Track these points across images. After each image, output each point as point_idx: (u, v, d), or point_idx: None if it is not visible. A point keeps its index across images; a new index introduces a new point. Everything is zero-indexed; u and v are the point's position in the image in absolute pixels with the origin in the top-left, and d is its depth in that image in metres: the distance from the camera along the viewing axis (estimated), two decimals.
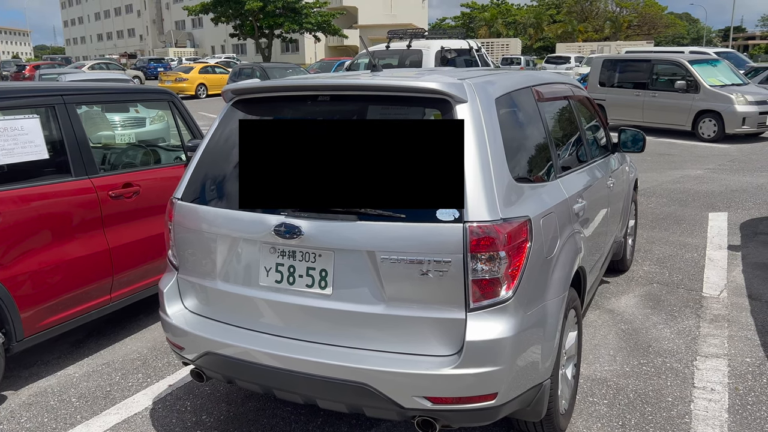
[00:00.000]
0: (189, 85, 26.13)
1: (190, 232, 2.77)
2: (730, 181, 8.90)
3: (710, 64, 13.59)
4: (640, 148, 4.56)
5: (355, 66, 14.01)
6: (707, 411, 3.20)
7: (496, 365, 2.30)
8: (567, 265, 2.78)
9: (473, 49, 12.52)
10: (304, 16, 41.63)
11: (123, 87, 4.93)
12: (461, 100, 2.46)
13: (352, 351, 2.43)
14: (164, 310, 2.86)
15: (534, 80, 3.29)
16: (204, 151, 2.87)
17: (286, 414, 3.24)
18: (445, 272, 2.29)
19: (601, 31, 61.89)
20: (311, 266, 2.48)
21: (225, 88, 2.95)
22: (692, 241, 6.15)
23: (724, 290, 4.84)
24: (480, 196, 2.32)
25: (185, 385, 3.56)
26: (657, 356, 3.81)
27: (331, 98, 2.68)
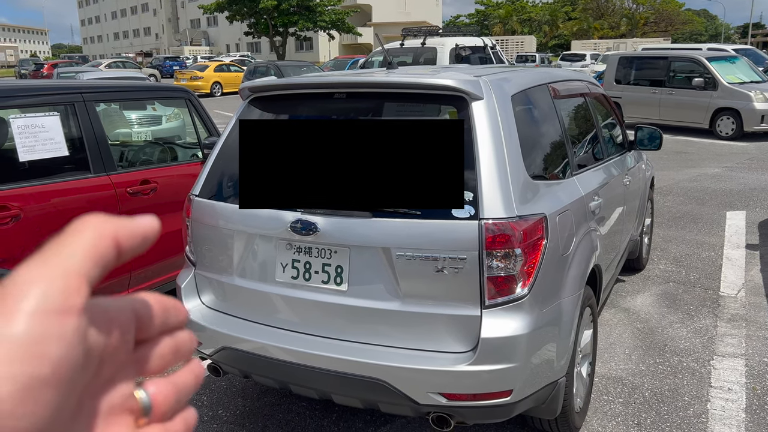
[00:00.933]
0: (204, 84, 26.28)
1: (207, 229, 2.80)
2: (749, 180, 8.80)
3: (728, 61, 13.42)
4: (657, 146, 4.52)
5: (369, 64, 14.02)
6: (724, 410, 3.18)
7: (511, 362, 2.31)
8: (582, 263, 2.78)
9: (488, 46, 12.48)
10: (318, 14, 41.71)
11: (141, 85, 4.98)
12: (477, 96, 2.46)
13: (368, 347, 2.45)
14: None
15: (550, 77, 3.28)
16: (221, 149, 2.90)
17: (302, 409, 3.27)
18: (461, 269, 2.29)
19: (617, 28, 61.37)
20: (327, 262, 2.49)
21: (242, 85, 2.97)
22: (709, 239, 6.09)
23: (742, 289, 4.79)
24: (495, 193, 2.32)
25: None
26: (673, 355, 3.78)
27: (347, 95, 2.69)
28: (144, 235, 0.36)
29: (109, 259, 0.33)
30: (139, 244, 0.35)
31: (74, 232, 0.33)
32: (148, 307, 0.38)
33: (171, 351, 0.39)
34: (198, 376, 0.41)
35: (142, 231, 0.36)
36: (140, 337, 0.37)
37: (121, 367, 0.36)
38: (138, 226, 0.36)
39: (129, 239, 0.35)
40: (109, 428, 0.34)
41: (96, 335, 0.32)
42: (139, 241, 0.35)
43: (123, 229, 0.35)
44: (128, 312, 0.36)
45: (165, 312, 0.39)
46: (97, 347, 0.32)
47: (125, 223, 0.35)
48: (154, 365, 0.38)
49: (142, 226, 0.36)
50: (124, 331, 0.35)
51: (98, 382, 0.34)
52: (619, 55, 14.97)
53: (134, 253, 0.35)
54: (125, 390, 0.36)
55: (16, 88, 3.71)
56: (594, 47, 41.91)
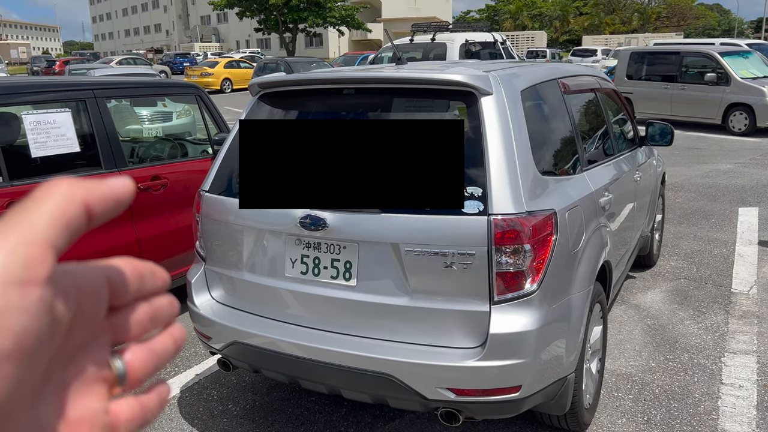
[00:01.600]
0: (214, 80, 26.36)
1: (217, 224, 2.82)
2: (761, 176, 8.71)
3: (741, 56, 13.28)
4: (668, 142, 4.49)
5: (379, 60, 14.00)
6: (735, 408, 3.16)
7: (520, 358, 2.30)
8: (592, 259, 2.77)
9: (498, 41, 12.41)
10: (328, 10, 41.68)
11: (152, 81, 5.01)
12: (486, 92, 2.45)
13: (377, 342, 2.45)
14: (192, 300, 2.91)
15: (560, 72, 3.27)
16: (230, 145, 2.91)
17: (311, 404, 3.28)
18: (470, 265, 2.29)
19: (628, 23, 60.88)
20: (336, 258, 2.50)
21: (252, 81, 2.98)
22: (721, 236, 6.04)
23: (754, 286, 4.75)
24: (505, 189, 2.32)
25: (212, 375, 3.63)
26: (684, 352, 3.76)
27: (356, 91, 2.69)
28: (117, 198, 0.34)
29: (78, 224, 0.32)
30: (112, 207, 0.33)
31: (40, 198, 0.31)
32: (122, 273, 0.36)
33: (148, 317, 0.37)
34: (178, 341, 0.39)
35: (115, 194, 0.34)
36: (114, 304, 0.36)
37: (93, 336, 0.34)
38: (110, 188, 0.34)
39: (101, 203, 0.33)
40: (80, 398, 0.33)
41: (63, 305, 0.31)
42: (112, 204, 0.33)
43: (94, 193, 0.33)
44: (100, 279, 0.34)
45: (140, 278, 0.37)
46: (64, 317, 0.31)
47: (96, 186, 0.33)
48: (129, 332, 0.37)
49: (114, 189, 0.34)
50: (96, 299, 0.34)
51: (67, 351, 0.33)
52: (631, 50, 14.85)
53: (107, 218, 0.33)
54: (98, 358, 0.35)
55: (27, 84, 3.74)
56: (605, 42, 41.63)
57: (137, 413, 0.36)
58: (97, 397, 0.34)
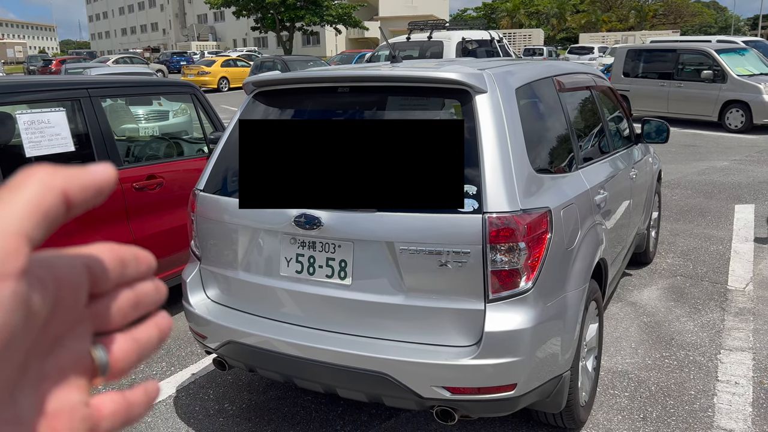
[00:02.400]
0: (211, 79, 26.31)
1: (212, 223, 2.81)
2: (758, 173, 8.73)
3: (738, 53, 13.29)
4: (664, 139, 4.49)
5: (376, 58, 14.00)
6: (731, 404, 3.16)
7: (515, 356, 2.30)
8: (588, 256, 2.77)
9: (494, 39, 12.42)
10: (325, 8, 41.61)
11: (146, 80, 5.00)
12: (481, 90, 2.45)
13: (372, 341, 2.45)
14: (187, 299, 2.90)
15: (555, 70, 3.26)
16: (225, 143, 2.91)
17: (307, 403, 3.28)
18: (464, 263, 2.29)
19: (625, 20, 60.89)
20: (331, 257, 2.50)
21: (246, 80, 2.97)
22: (717, 233, 6.05)
23: (750, 283, 4.76)
24: (499, 187, 2.31)
25: (208, 374, 3.62)
26: (680, 349, 3.77)
27: (351, 89, 2.69)
28: (98, 187, 0.32)
29: (56, 214, 0.30)
30: (93, 196, 0.32)
31: (16, 186, 0.30)
32: (102, 260, 0.35)
33: (130, 304, 0.36)
34: (163, 329, 0.38)
35: (96, 182, 0.32)
36: (95, 292, 0.35)
37: (73, 326, 0.33)
38: (91, 176, 0.32)
39: (80, 192, 0.31)
40: (59, 390, 0.32)
41: (40, 297, 0.30)
42: (93, 193, 0.32)
43: (73, 181, 0.31)
44: (78, 267, 0.33)
45: (121, 264, 0.36)
46: (41, 310, 0.30)
47: (76, 174, 0.31)
48: (111, 320, 0.35)
49: (95, 176, 0.32)
50: (74, 288, 0.33)
51: (46, 343, 0.32)
52: (628, 47, 14.85)
53: (87, 207, 0.32)
54: (78, 349, 0.34)
55: (22, 83, 3.73)
56: (602, 40, 41.63)
57: (121, 408, 0.35)
58: (76, 388, 0.33)
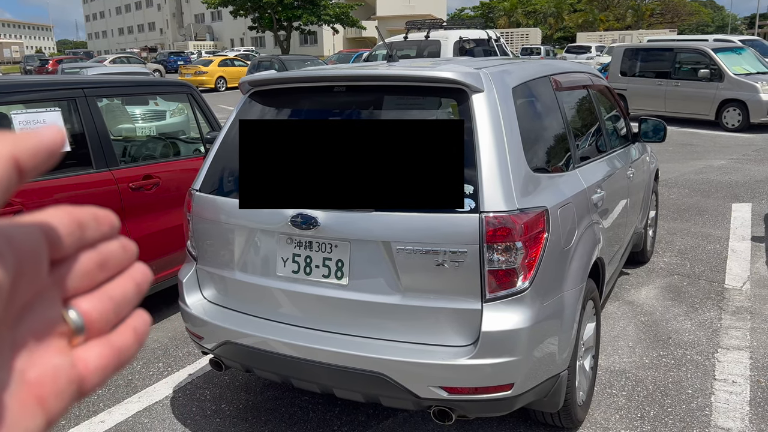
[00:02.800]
0: (208, 78, 26.29)
1: (208, 223, 2.80)
2: (755, 172, 8.74)
3: (735, 52, 13.31)
4: (661, 138, 4.49)
5: (373, 57, 13.99)
6: (728, 403, 3.17)
7: (512, 356, 2.30)
8: (585, 255, 2.76)
9: (492, 39, 12.41)
10: (322, 8, 41.56)
11: (143, 80, 4.98)
12: (477, 89, 2.44)
13: (369, 341, 2.44)
14: (183, 300, 2.89)
15: (552, 69, 3.26)
16: (222, 143, 2.90)
17: (304, 403, 3.27)
18: (461, 263, 2.29)
19: (622, 19, 60.93)
20: (327, 257, 2.49)
21: (242, 79, 2.96)
22: (715, 232, 6.05)
23: (747, 282, 4.76)
24: (496, 187, 2.31)
25: (205, 374, 3.61)
26: (677, 348, 3.77)
27: (347, 89, 2.68)
28: (49, 150, 0.31)
29: (8, 183, 0.29)
30: (44, 160, 0.31)
31: None
32: (58, 225, 0.34)
33: (95, 265, 0.35)
34: (139, 281, 0.37)
35: (46, 146, 0.31)
36: (56, 257, 0.34)
37: (40, 294, 0.33)
38: (40, 140, 0.31)
39: (31, 158, 0.31)
40: (37, 358, 0.32)
41: (0, 270, 0.29)
42: (44, 157, 0.31)
43: (22, 146, 0.30)
44: (35, 234, 0.32)
45: (80, 226, 0.35)
46: (2, 282, 0.29)
47: (24, 139, 0.31)
48: (78, 283, 0.35)
49: (45, 141, 0.31)
50: (34, 256, 0.32)
51: (13, 314, 0.31)
52: (625, 46, 14.86)
53: (39, 172, 0.31)
54: (49, 315, 0.33)
55: (17, 83, 3.71)
56: (599, 39, 41.64)
57: (108, 357, 0.34)
58: (56, 351, 0.32)
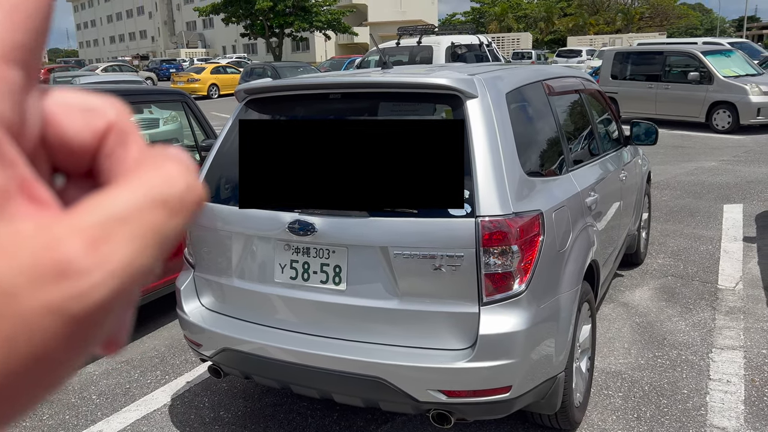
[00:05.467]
0: (201, 86, 26.26)
1: (205, 231, 2.82)
2: (745, 173, 8.82)
3: (723, 54, 13.43)
4: (653, 141, 4.54)
5: (366, 63, 14.04)
6: (723, 403, 3.20)
7: (509, 358, 2.32)
8: (580, 258, 2.79)
9: (483, 44, 12.48)
10: (314, 14, 41.67)
11: (136, 88, 5.00)
12: (471, 95, 2.47)
13: (367, 346, 2.46)
14: (181, 307, 2.90)
15: (544, 74, 3.30)
16: (218, 151, 2.91)
17: (303, 409, 3.28)
18: (458, 267, 2.31)
19: (612, 23, 61.37)
20: (325, 262, 2.51)
21: (238, 87, 2.98)
22: (707, 233, 6.11)
23: (740, 282, 4.81)
24: (491, 191, 2.34)
25: (203, 382, 3.61)
26: (672, 349, 3.80)
27: (342, 96, 2.71)
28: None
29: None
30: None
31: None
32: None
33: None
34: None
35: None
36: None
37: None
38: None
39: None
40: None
41: None
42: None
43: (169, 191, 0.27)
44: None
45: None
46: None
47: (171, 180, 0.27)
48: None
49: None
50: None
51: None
52: (615, 50, 14.99)
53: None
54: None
55: None
56: (590, 43, 41.92)
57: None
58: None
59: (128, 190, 0.26)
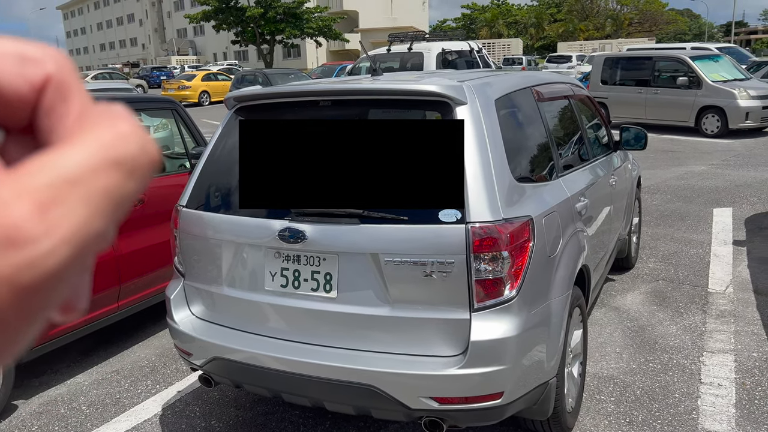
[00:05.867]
0: (192, 93, 26.21)
1: (195, 239, 2.80)
2: (735, 177, 8.88)
3: (712, 59, 13.55)
4: (642, 146, 4.56)
5: (357, 70, 14.05)
6: (714, 406, 3.20)
7: (501, 364, 2.32)
8: (570, 263, 2.80)
9: (474, 50, 12.53)
10: (305, 21, 41.70)
11: (126, 96, 4.97)
12: (461, 102, 2.48)
13: (358, 353, 2.45)
14: (171, 316, 2.88)
15: (533, 80, 3.31)
16: (208, 159, 2.90)
17: (295, 417, 3.26)
18: (449, 273, 2.31)
19: (602, 29, 61.79)
20: (316, 270, 2.50)
21: (227, 95, 2.98)
22: (697, 237, 6.14)
23: (730, 286, 4.83)
24: (481, 197, 2.34)
25: (194, 391, 3.59)
26: (663, 353, 3.81)
27: (332, 103, 2.70)
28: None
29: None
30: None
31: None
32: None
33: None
34: None
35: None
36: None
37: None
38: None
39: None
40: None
41: None
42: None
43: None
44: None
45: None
46: None
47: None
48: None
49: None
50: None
51: None
52: (605, 55, 15.08)
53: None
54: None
55: None
56: (580, 48, 42.16)
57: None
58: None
59: (79, 149, 0.24)
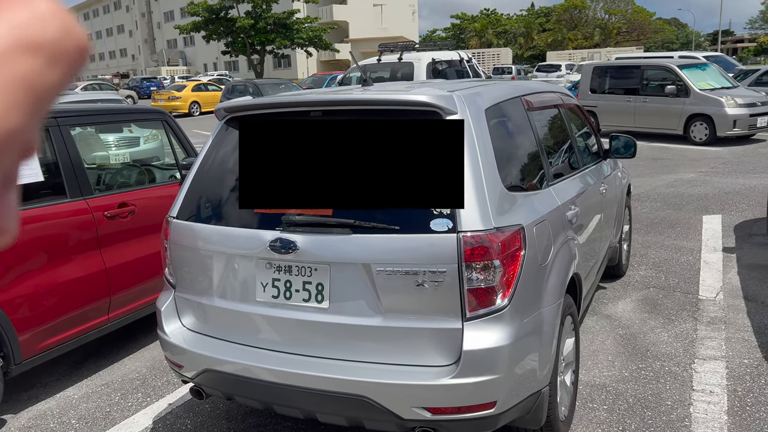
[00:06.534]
0: (182, 104, 26.16)
1: (186, 250, 2.79)
2: (723, 184, 8.95)
3: (699, 68, 13.69)
4: (632, 154, 4.59)
5: (347, 80, 14.09)
6: (706, 413, 3.21)
7: (494, 374, 2.31)
8: (562, 272, 2.80)
9: (464, 59, 12.60)
10: (296, 31, 41.81)
11: (116, 107, 4.96)
12: (451, 111, 2.49)
13: (351, 364, 2.44)
14: (162, 328, 2.86)
15: (523, 90, 3.33)
16: (198, 169, 2.89)
17: (287, 429, 3.24)
18: (441, 282, 2.30)
19: (590, 38, 62.34)
20: (307, 280, 2.49)
21: (218, 106, 2.97)
22: (687, 244, 6.17)
23: (720, 292, 4.86)
24: (472, 206, 2.34)
25: (185, 404, 3.56)
26: (655, 360, 3.82)
27: (323, 114, 2.70)
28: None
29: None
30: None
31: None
32: None
33: None
34: None
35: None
36: None
37: None
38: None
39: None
40: None
41: None
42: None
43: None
44: None
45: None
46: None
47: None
48: None
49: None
50: None
51: None
52: (594, 64, 15.20)
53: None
54: None
55: None
56: (569, 57, 42.52)
57: None
58: None
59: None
